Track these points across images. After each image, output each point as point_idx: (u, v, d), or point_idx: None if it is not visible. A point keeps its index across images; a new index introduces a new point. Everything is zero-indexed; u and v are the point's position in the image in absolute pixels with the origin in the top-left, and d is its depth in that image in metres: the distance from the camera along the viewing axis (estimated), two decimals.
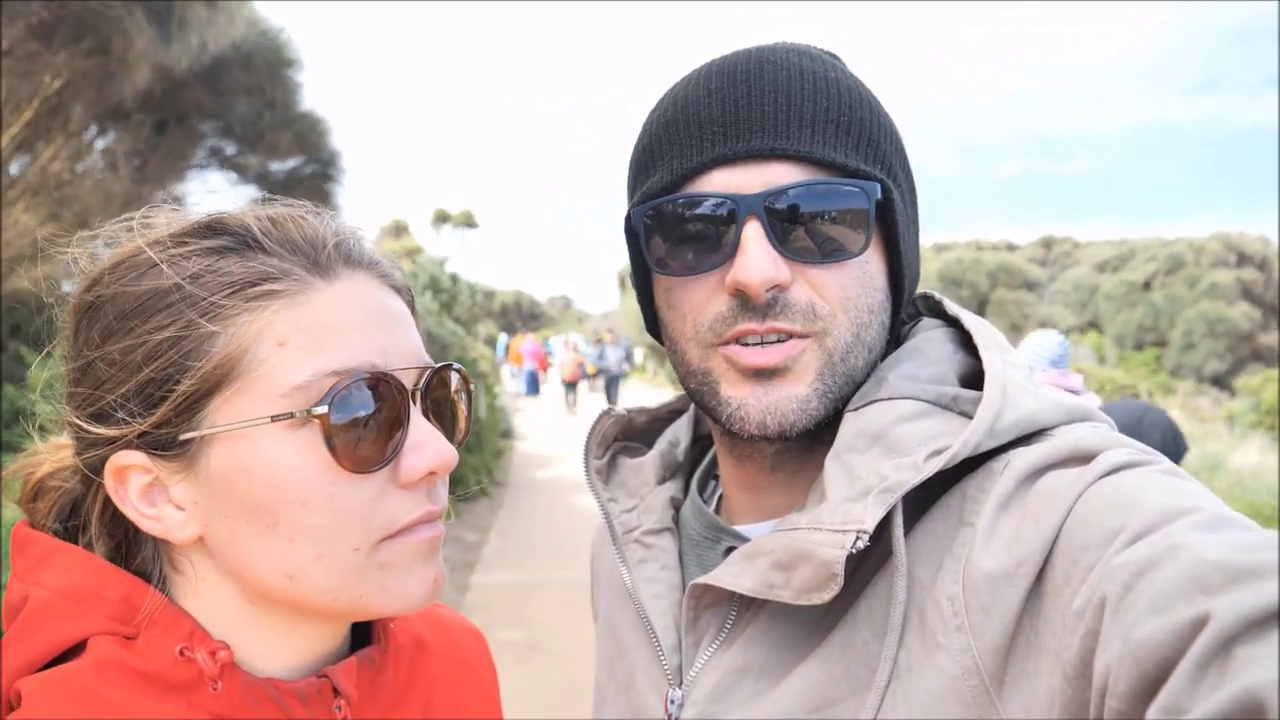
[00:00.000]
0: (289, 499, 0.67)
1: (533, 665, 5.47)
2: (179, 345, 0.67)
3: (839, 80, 0.79)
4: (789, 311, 0.75)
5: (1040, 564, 0.64)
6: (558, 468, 13.78)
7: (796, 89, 0.77)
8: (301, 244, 0.71)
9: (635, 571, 0.92)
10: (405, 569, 0.71)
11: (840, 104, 0.77)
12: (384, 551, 0.70)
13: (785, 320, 0.75)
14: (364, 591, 0.70)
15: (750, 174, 0.76)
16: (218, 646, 0.70)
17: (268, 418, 0.67)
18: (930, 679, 0.67)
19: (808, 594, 0.71)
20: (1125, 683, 0.52)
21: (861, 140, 0.78)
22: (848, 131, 0.77)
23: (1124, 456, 0.67)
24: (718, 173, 0.77)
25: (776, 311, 0.75)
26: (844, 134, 0.77)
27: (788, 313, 0.75)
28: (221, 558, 0.71)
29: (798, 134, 0.75)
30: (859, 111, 0.78)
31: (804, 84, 0.77)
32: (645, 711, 0.88)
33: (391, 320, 0.73)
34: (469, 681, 0.93)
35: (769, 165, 0.75)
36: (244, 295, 0.67)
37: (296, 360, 0.67)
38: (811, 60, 0.80)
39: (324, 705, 0.74)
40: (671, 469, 1.00)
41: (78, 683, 0.67)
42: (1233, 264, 37.50)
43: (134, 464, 0.69)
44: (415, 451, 0.71)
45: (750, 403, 0.77)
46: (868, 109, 0.79)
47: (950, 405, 0.77)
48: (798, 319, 0.75)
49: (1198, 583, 0.51)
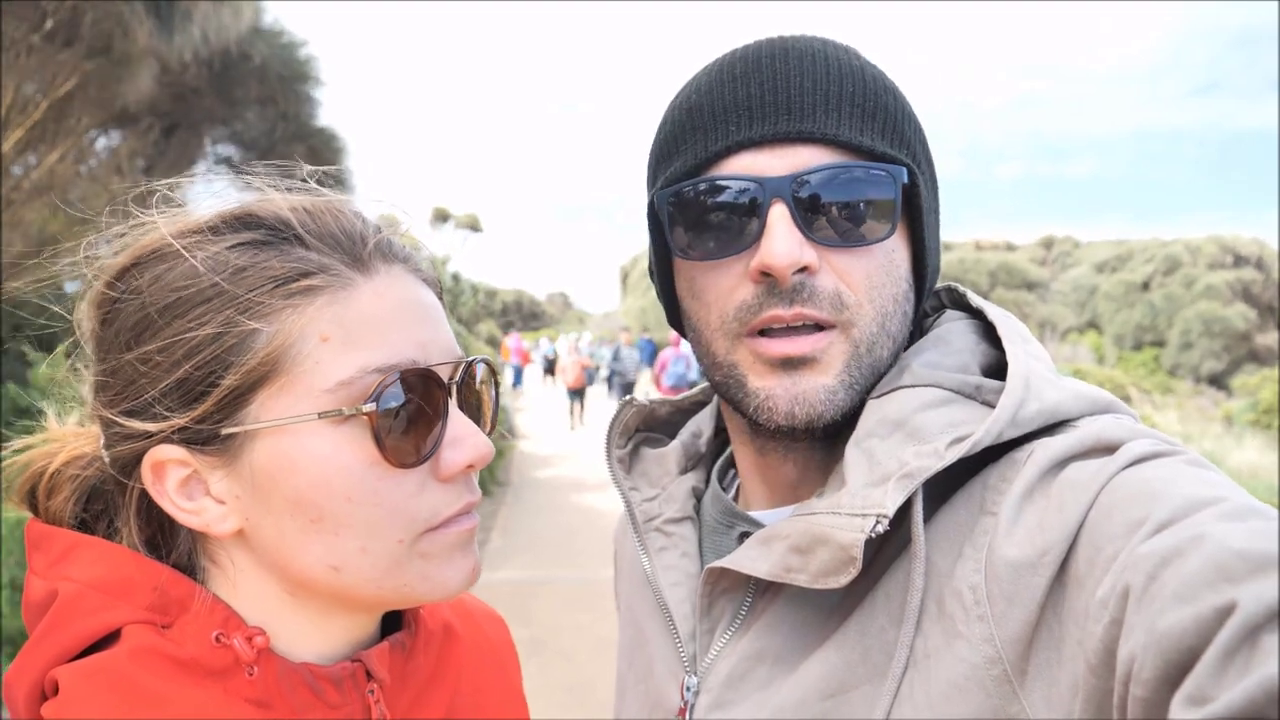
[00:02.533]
0: (335, 494, 0.67)
1: (536, 663, 5.46)
2: (221, 341, 0.66)
3: (863, 67, 0.79)
4: (816, 298, 0.74)
5: (1064, 553, 0.63)
6: (559, 467, 13.75)
7: (822, 73, 0.76)
8: (341, 238, 0.71)
9: (655, 560, 0.92)
10: (445, 559, 0.72)
11: (866, 89, 0.77)
12: (425, 543, 0.71)
13: (813, 306, 0.74)
14: (407, 580, 0.71)
15: (776, 157, 0.75)
16: (254, 632, 0.70)
17: (314, 415, 0.67)
18: (950, 667, 0.67)
19: (825, 578, 0.71)
20: (1150, 671, 0.52)
21: (888, 125, 0.77)
22: (874, 116, 0.76)
23: (1148, 447, 0.66)
24: (743, 156, 0.76)
25: (804, 297, 0.74)
26: (870, 118, 0.76)
27: (815, 299, 0.74)
28: (263, 550, 0.71)
29: (824, 117, 0.75)
30: (884, 98, 0.78)
31: (829, 69, 0.77)
32: (663, 699, 0.88)
33: (428, 314, 0.74)
34: (495, 668, 0.93)
35: (795, 148, 0.75)
36: (286, 291, 0.67)
37: (340, 356, 0.67)
38: (835, 48, 0.80)
39: (357, 689, 0.74)
40: (694, 459, 1.00)
41: (114, 670, 0.66)
42: (1229, 265, 37.52)
43: (172, 458, 0.69)
44: (454, 446, 0.72)
45: (778, 393, 0.76)
46: (892, 96, 0.79)
47: (973, 394, 0.76)
48: (825, 305, 0.75)
49: (1223, 571, 0.51)
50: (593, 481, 11.93)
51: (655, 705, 0.90)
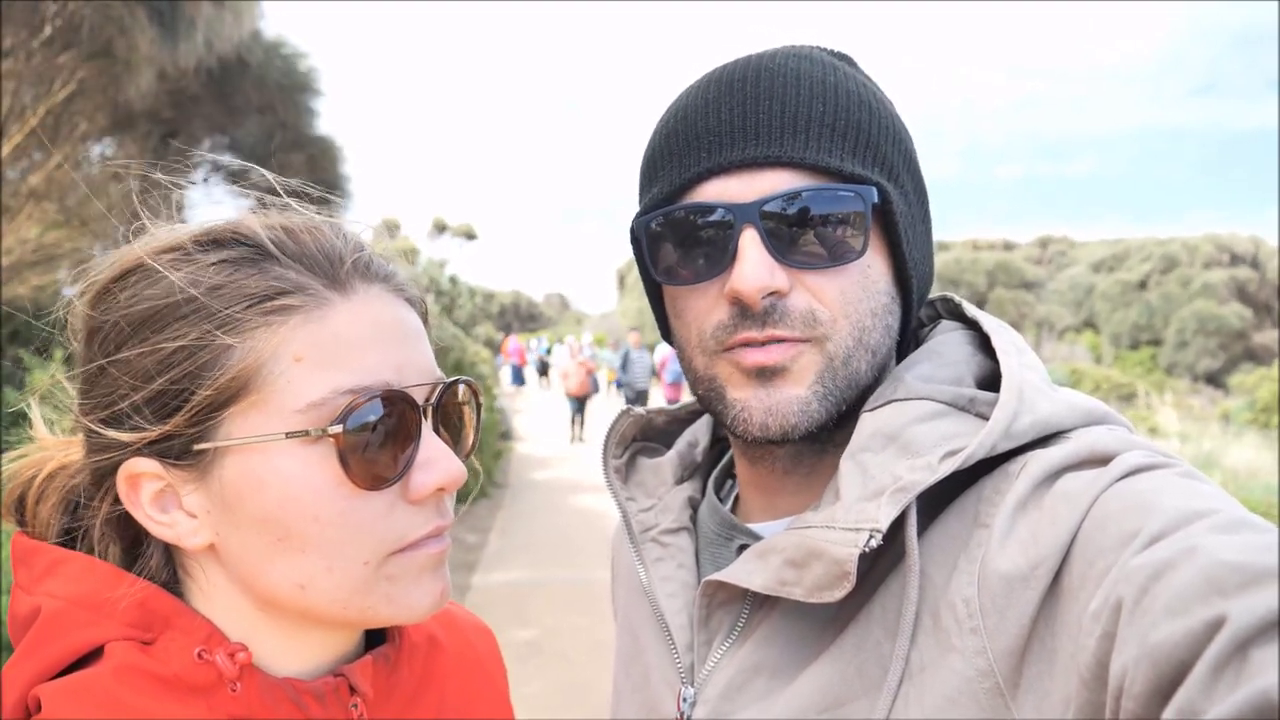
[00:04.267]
0: (302, 513, 0.68)
1: (534, 665, 5.46)
2: (195, 356, 0.67)
3: (837, 84, 0.79)
4: (788, 319, 0.76)
5: (1057, 566, 0.63)
6: (556, 469, 13.74)
7: (791, 95, 0.77)
8: (319, 258, 0.71)
9: (651, 570, 0.92)
10: (413, 581, 0.72)
11: (836, 108, 0.77)
12: (392, 565, 0.71)
13: (784, 328, 0.76)
14: (372, 603, 0.71)
15: (746, 182, 0.76)
16: (236, 648, 0.71)
17: (282, 434, 0.67)
18: (944, 680, 0.67)
19: (820, 592, 0.71)
20: (1141, 684, 0.52)
21: (859, 143, 0.77)
22: (844, 135, 0.77)
23: (1141, 459, 0.66)
24: (715, 182, 0.77)
25: (775, 319, 0.76)
26: (839, 138, 0.77)
27: (786, 320, 0.76)
28: (232, 566, 0.71)
29: (791, 140, 0.76)
30: (856, 114, 0.78)
31: (799, 89, 0.77)
32: (659, 710, 0.88)
33: (406, 336, 0.74)
34: (481, 679, 0.93)
35: (764, 173, 0.76)
36: (261, 309, 0.68)
37: (312, 377, 0.67)
38: (811, 64, 0.80)
39: (341, 704, 0.74)
40: (690, 469, 1.00)
41: (98, 688, 0.67)
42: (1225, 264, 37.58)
43: (146, 471, 0.69)
44: (425, 468, 0.72)
45: (753, 405, 0.78)
46: (866, 110, 0.79)
47: (967, 407, 0.76)
48: (797, 325, 0.76)
49: (1214, 584, 0.51)
50: (589, 483, 11.91)
51: (651, 715, 0.90)
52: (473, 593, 7.09)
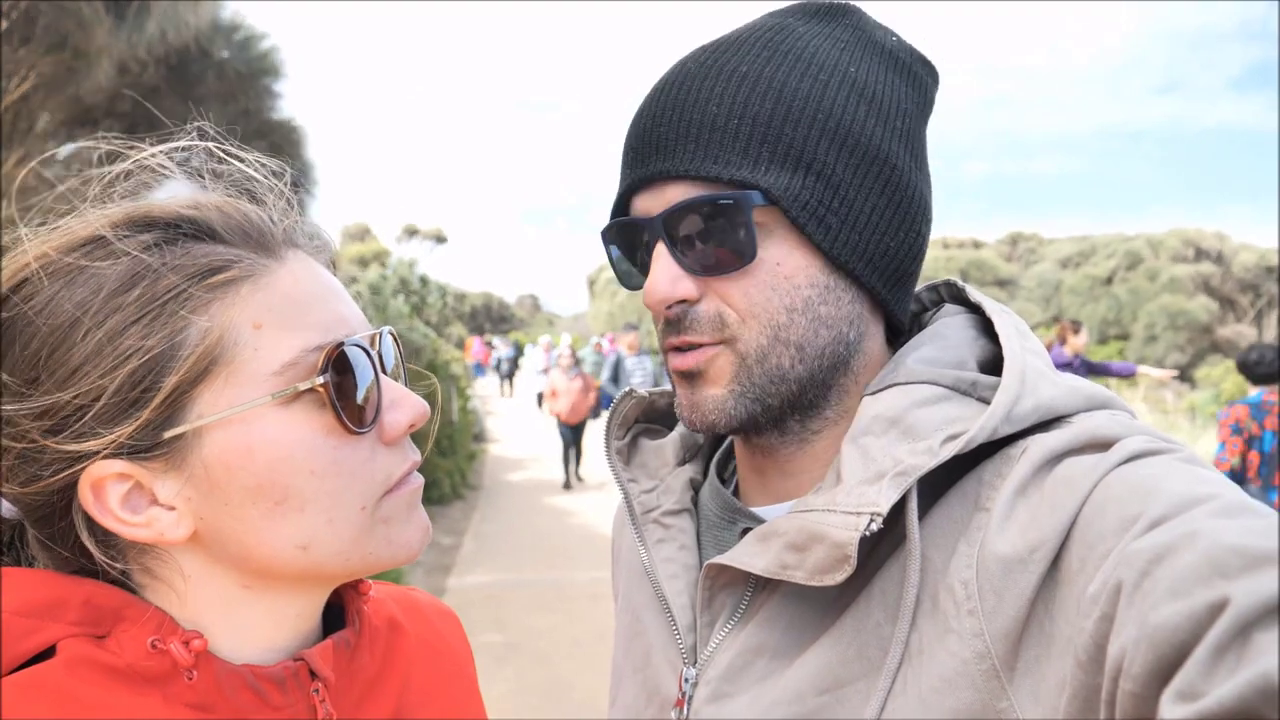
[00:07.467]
0: (297, 470, 0.68)
1: (512, 667, 5.44)
2: (153, 346, 0.65)
3: (747, 74, 0.77)
4: (697, 324, 0.79)
5: (1056, 549, 0.64)
6: (530, 470, 13.76)
7: (692, 101, 0.77)
8: (248, 228, 0.72)
9: (653, 551, 0.93)
10: (405, 520, 0.75)
11: (734, 106, 0.76)
12: (385, 506, 0.73)
13: (694, 333, 0.79)
14: (373, 548, 0.73)
15: (654, 197, 0.79)
16: (190, 636, 0.69)
17: (268, 397, 0.67)
18: (941, 662, 0.67)
19: (821, 575, 0.72)
20: (1140, 666, 0.52)
21: (753, 141, 0.75)
22: (735, 137, 0.76)
23: (1143, 444, 0.67)
24: (642, 194, 0.81)
25: (687, 326, 0.79)
26: (730, 140, 0.76)
27: (696, 326, 0.79)
28: (221, 547, 0.70)
29: (682, 152, 0.77)
30: (758, 108, 0.76)
31: (700, 93, 0.77)
32: (660, 689, 0.89)
33: (338, 292, 0.76)
34: (445, 660, 0.93)
35: (666, 187, 0.78)
36: (207, 285, 0.67)
37: (279, 339, 0.68)
38: (749, 51, 0.79)
39: (301, 689, 0.74)
40: (692, 451, 1.01)
41: (50, 682, 0.64)
42: (1191, 259, 38.30)
43: (111, 473, 0.66)
44: (394, 408, 0.75)
45: (683, 403, 0.83)
46: (774, 100, 0.76)
47: (969, 390, 0.77)
48: (706, 330, 0.78)
49: (1216, 567, 0.51)
50: (562, 483, 11.91)
51: (652, 695, 0.90)
52: (449, 595, 7.05)
